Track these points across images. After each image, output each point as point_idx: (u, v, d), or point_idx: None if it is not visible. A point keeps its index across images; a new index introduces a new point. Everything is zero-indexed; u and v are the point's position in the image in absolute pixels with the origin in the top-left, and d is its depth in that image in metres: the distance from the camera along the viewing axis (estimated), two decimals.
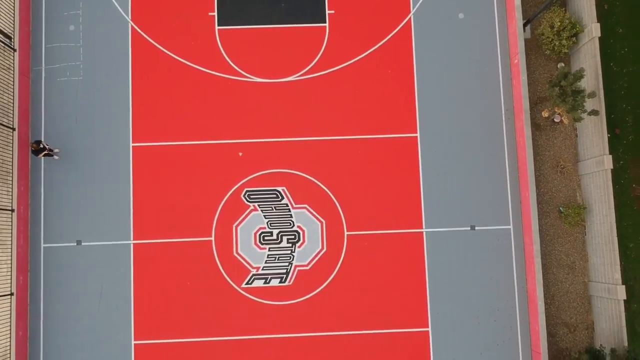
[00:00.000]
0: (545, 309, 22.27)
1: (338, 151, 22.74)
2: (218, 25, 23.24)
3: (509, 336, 22.17)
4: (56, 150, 22.18)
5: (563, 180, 23.28)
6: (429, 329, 22.09)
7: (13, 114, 21.71)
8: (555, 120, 23.16)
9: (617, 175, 23.04)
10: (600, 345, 21.78)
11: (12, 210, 21.29)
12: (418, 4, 23.45)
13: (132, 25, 23.10)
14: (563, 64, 23.58)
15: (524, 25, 22.75)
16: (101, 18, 23.04)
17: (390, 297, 22.18)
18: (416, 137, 22.82)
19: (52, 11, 23.03)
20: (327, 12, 23.34)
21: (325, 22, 23.28)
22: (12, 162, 21.53)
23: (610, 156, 21.85)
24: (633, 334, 22.43)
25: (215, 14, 23.30)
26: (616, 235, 21.75)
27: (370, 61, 23.22)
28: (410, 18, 23.41)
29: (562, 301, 22.81)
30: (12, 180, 21.41)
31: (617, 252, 21.57)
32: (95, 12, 23.07)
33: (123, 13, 23.16)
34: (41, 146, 21.53)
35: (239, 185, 22.56)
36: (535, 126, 23.29)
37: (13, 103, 21.76)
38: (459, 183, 22.68)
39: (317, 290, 22.26)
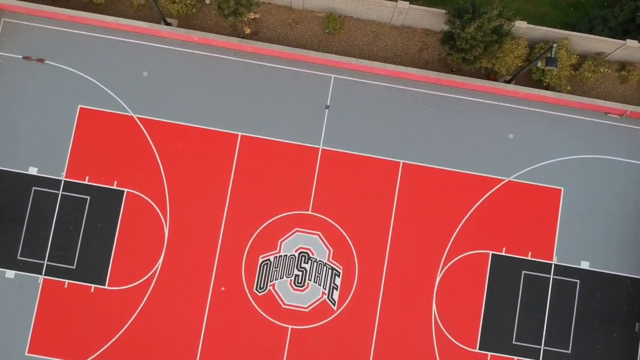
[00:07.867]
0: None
1: (244, 205, 26.26)
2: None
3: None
4: None
5: (307, 25, 27.19)
6: (401, 161, 26.67)
7: None
8: (252, 17, 27.07)
9: None
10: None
11: None
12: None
13: None
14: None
15: None
16: None
17: (365, 188, 26.50)
18: (239, 135, 26.49)
19: None
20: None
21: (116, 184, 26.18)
22: None
23: None
24: None
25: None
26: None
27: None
28: (136, 118, 26.51)
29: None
30: None
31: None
32: None
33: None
34: None
35: (249, 294, 25.78)
36: (252, 35, 27.26)
37: None
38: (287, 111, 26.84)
39: (355, 253, 26.23)
